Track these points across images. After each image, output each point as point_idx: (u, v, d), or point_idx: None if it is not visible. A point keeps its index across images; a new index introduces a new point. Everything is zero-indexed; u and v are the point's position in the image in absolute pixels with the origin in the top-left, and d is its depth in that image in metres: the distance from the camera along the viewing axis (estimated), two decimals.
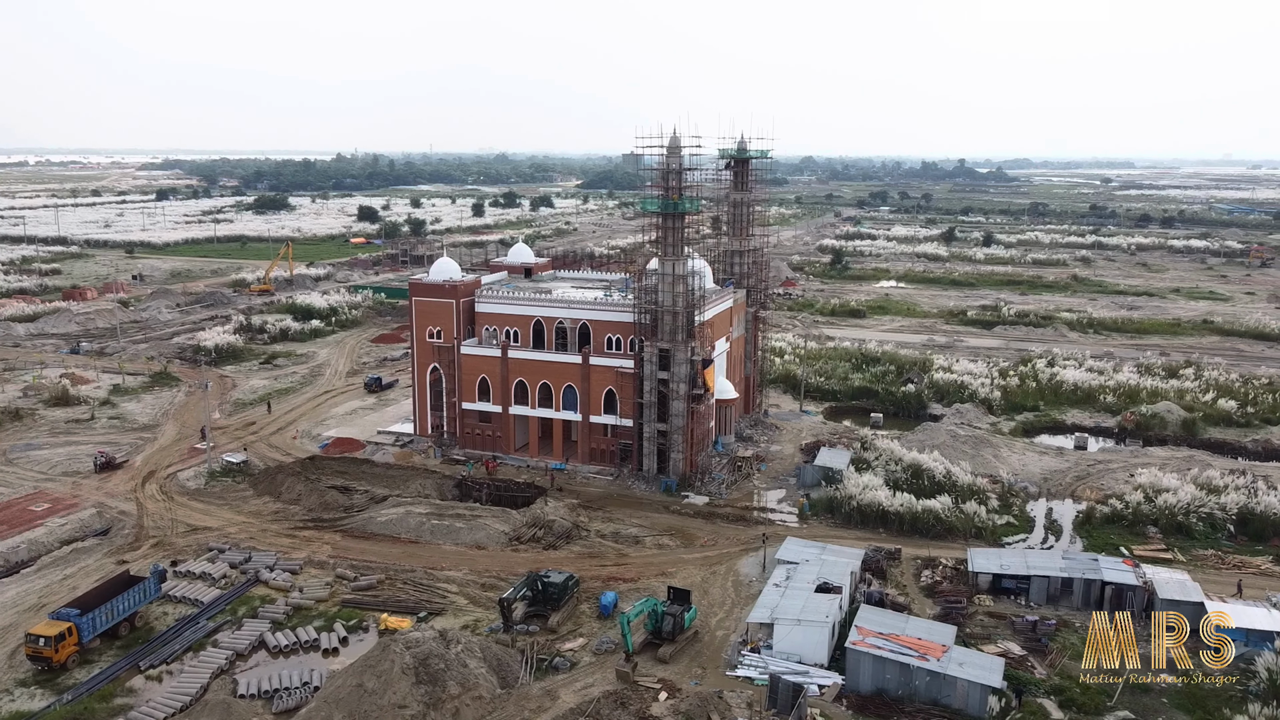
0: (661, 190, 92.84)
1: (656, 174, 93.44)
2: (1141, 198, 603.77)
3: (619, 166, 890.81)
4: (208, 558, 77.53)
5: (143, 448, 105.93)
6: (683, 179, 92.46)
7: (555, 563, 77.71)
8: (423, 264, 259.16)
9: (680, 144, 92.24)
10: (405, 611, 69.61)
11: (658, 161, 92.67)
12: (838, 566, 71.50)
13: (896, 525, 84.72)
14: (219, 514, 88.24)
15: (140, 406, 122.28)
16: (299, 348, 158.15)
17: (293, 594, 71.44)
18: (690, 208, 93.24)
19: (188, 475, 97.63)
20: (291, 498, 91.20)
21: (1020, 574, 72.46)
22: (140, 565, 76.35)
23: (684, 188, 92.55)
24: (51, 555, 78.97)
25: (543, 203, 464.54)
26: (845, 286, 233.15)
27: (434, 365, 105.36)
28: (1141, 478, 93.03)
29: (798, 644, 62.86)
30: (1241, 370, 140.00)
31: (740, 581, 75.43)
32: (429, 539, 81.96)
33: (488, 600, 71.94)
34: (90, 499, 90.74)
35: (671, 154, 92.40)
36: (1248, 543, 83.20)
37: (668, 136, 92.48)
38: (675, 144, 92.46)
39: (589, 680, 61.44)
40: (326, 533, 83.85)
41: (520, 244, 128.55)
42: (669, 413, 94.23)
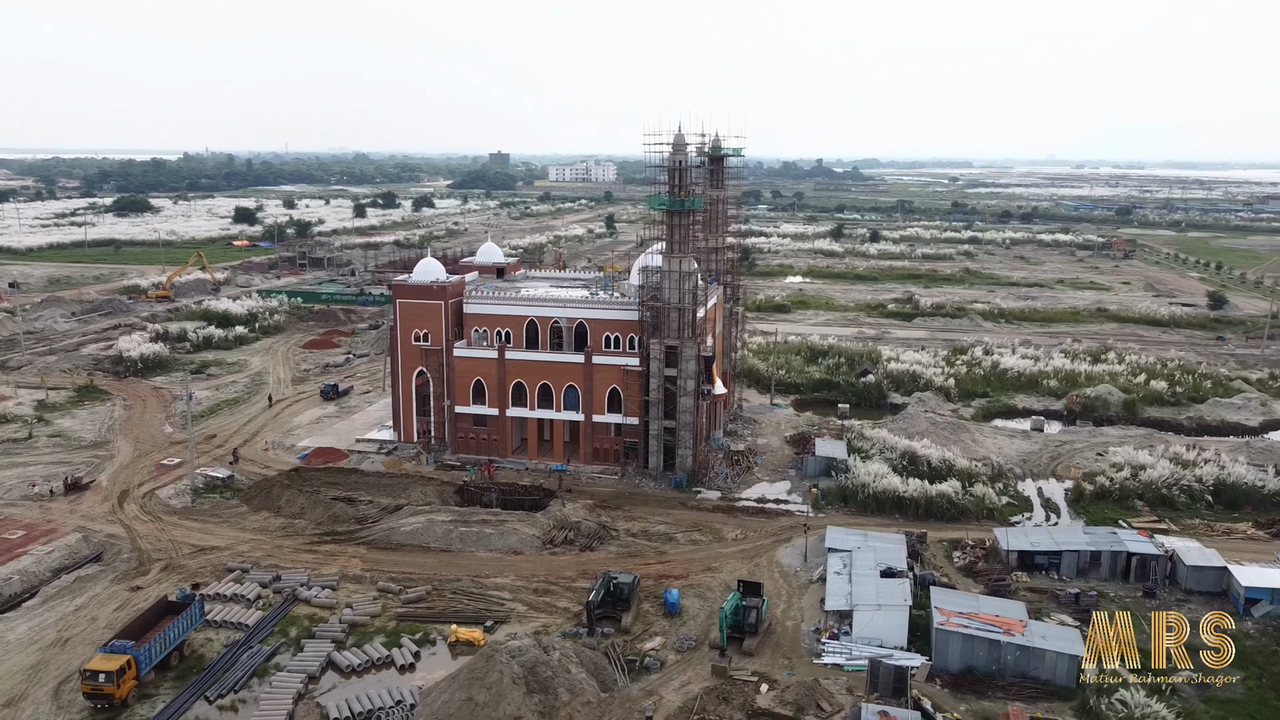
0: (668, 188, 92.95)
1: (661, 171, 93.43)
2: (991, 195, 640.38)
3: (487, 166, 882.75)
4: (233, 579, 73.13)
5: (102, 466, 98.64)
6: (689, 176, 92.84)
7: (596, 564, 77.09)
8: (322, 267, 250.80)
9: (685, 142, 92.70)
10: (466, 621, 67.53)
11: (665, 160, 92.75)
12: (890, 552, 73.63)
13: (911, 510, 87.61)
14: (221, 532, 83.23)
15: (78, 423, 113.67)
16: (227, 356, 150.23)
17: (343, 611, 68.20)
18: (697, 205, 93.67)
19: (168, 493, 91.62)
20: (294, 511, 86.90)
21: (1051, 550, 76.25)
22: (154, 591, 71.60)
23: (689, 185, 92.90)
24: (54, 585, 72.76)
25: (424, 203, 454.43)
26: (757, 283, 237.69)
27: (420, 369, 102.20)
28: (1117, 455, 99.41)
29: (877, 628, 64.46)
30: (1153, 354, 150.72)
31: (786, 572, 76.62)
32: (459, 547, 79.66)
33: (546, 605, 70.72)
34: (68, 523, 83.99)
35: (677, 151, 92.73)
36: (1224, 511, 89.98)
37: (672, 134, 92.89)
38: (680, 142, 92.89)
39: (683, 678, 61.37)
40: (348, 546, 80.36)
41: (489, 243, 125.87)
42: (676, 409, 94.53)
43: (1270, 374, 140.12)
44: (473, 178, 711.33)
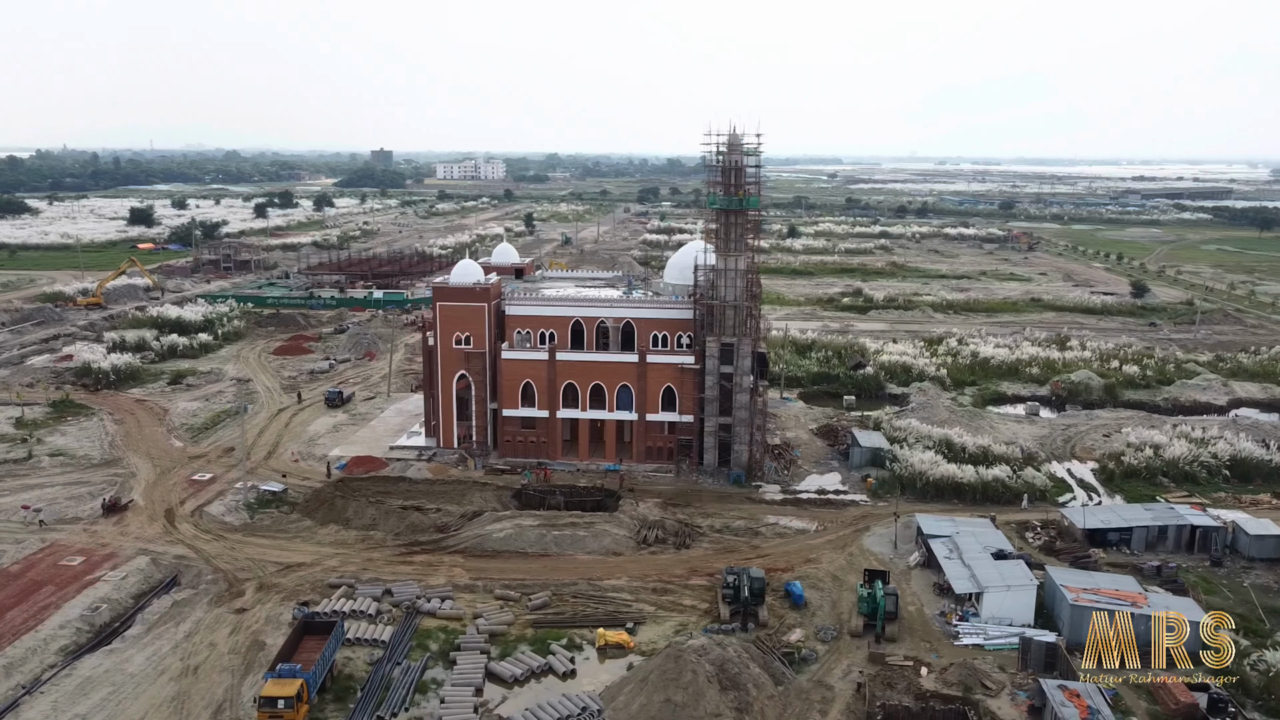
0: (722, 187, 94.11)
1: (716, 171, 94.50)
2: (874, 191, 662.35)
3: (370, 164, 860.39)
4: (342, 594, 70.61)
5: (128, 485, 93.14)
6: (744, 176, 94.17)
7: (699, 562, 78.05)
8: (249, 270, 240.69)
9: (740, 141, 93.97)
10: (598, 624, 67.26)
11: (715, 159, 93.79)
12: (985, 536, 77.01)
13: (969, 495, 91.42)
14: (297, 548, 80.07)
15: (72, 440, 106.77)
16: (198, 364, 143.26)
17: (479, 621, 66.91)
18: (753, 205, 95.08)
19: (219, 509, 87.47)
20: (365, 523, 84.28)
21: (1121, 527, 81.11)
22: (261, 612, 68.79)
23: (748, 184, 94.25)
24: (151, 612, 68.70)
25: (325, 202, 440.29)
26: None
27: (462, 373, 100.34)
28: (1131, 436, 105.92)
29: (1006, 608, 67.51)
30: (1110, 341, 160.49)
31: (881, 559, 78.99)
32: (556, 550, 79.00)
33: (671, 604, 71.11)
34: (125, 546, 79.28)
35: (732, 150, 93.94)
36: (1239, 484, 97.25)
37: (727, 134, 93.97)
38: (735, 141, 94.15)
39: (841, 666, 62.94)
40: (441, 555, 78.63)
41: (504, 244, 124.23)
42: (732, 406, 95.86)
43: (1216, 356, 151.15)
44: (360, 176, 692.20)
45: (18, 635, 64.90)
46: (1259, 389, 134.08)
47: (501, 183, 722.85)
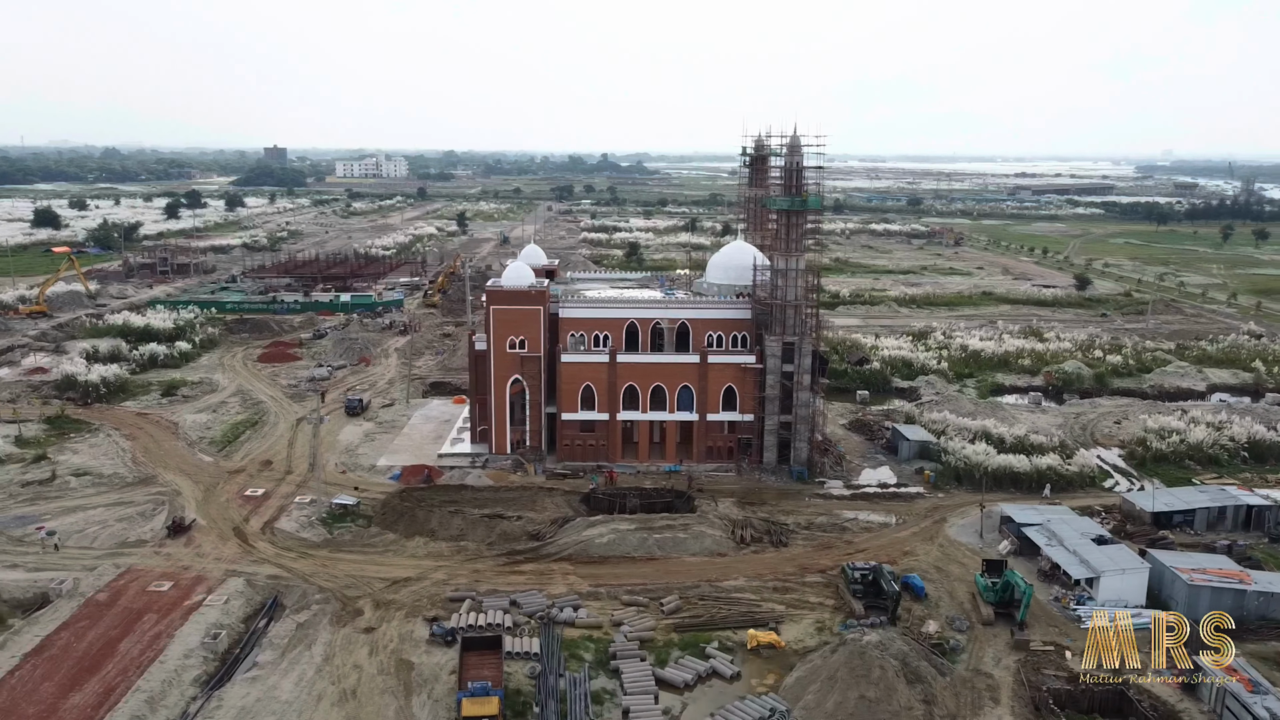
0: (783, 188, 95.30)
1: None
2: None
3: (263, 161, 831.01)
4: (468, 608, 69.01)
5: (175, 504, 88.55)
6: (803, 176, 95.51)
7: (800, 558, 79.35)
8: (189, 274, 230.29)
9: (800, 143, 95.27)
10: (738, 625, 67.64)
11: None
12: (1080, 522, 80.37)
13: (1026, 484, 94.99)
14: (392, 561, 77.77)
15: (88, 459, 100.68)
16: (186, 375, 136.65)
17: (623, 629, 66.41)
18: (814, 205, 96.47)
19: (292, 525, 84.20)
20: (452, 534, 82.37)
21: (1184, 509, 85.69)
22: (390, 630, 66.75)
23: (806, 185, 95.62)
24: (278, 636, 65.70)
25: (236, 202, 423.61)
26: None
27: (516, 377, 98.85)
28: (1149, 422, 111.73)
29: (1120, 590, 70.72)
30: (1083, 332, 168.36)
31: (973, 549, 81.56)
32: (661, 553, 78.88)
33: (798, 602, 71.92)
34: (210, 568, 75.62)
35: (793, 152, 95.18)
36: (1256, 465, 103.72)
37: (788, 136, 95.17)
38: (796, 143, 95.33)
39: (990, 654, 64.89)
40: (545, 563, 77.58)
41: (531, 246, 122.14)
42: (793, 404, 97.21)
43: (1179, 345, 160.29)
44: (257, 174, 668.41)
45: (141, 666, 61.40)
46: (1230, 375, 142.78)
47: (406, 181, 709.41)
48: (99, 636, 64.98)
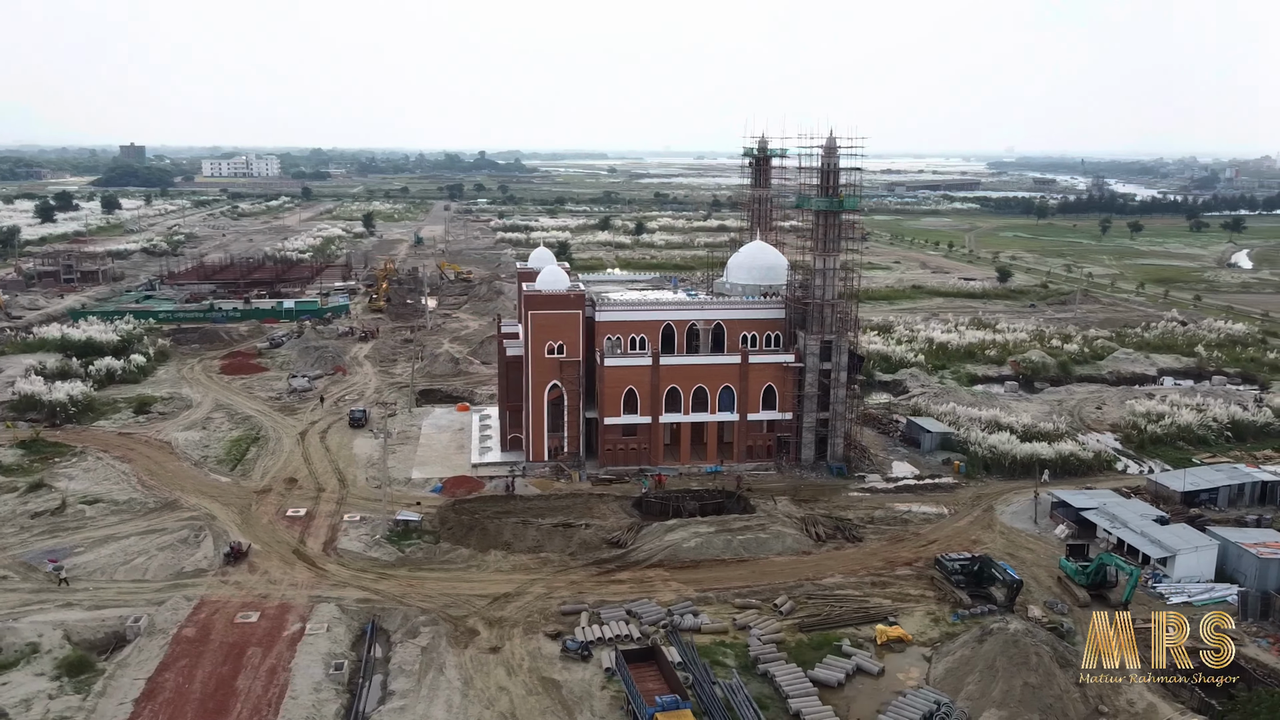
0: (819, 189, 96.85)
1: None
2: (664, 185, 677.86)
3: (120, 160, 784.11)
4: (588, 621, 67.77)
5: (214, 529, 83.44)
6: (839, 178, 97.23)
7: (883, 552, 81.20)
8: (97, 280, 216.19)
9: (837, 144, 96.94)
10: (856, 622, 68.80)
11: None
12: (1134, 504, 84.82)
13: (1052, 470, 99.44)
14: (479, 577, 75.53)
15: (89, 484, 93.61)
16: (151, 390, 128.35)
17: (755, 632, 66.45)
18: (851, 205, 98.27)
19: (355, 544, 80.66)
20: (529, 545, 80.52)
21: (1210, 487, 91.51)
22: (515, 649, 64.90)
23: (843, 186, 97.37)
24: (406, 663, 62.82)
25: (112, 205, 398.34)
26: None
27: (554, 382, 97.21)
28: (1136, 406, 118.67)
29: (1192, 567, 75.17)
30: (1021, 322, 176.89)
31: (1031, 534, 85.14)
32: (747, 554, 79.16)
33: (899, 595, 73.50)
34: (291, 595, 71.76)
35: (829, 154, 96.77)
36: (1238, 443, 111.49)
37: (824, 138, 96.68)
38: (832, 144, 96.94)
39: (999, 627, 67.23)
40: (637, 570, 76.81)
41: (541, 249, 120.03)
42: (830, 401, 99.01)
43: (1114, 332, 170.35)
44: (119, 174, 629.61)
45: (273, 703, 58.02)
46: (1173, 359, 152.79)
47: (281, 180, 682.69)
48: (209, 675, 60.89)
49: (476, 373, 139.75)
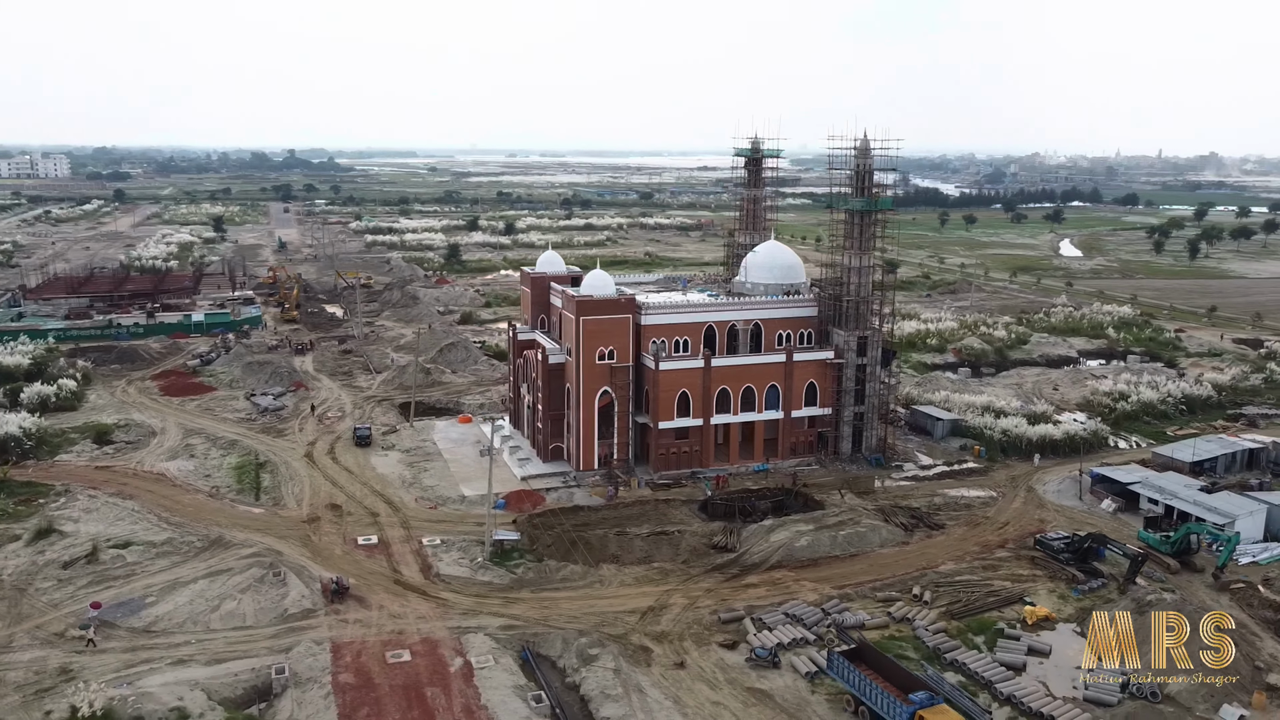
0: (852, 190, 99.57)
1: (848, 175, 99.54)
2: (511, 185, 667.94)
3: None
4: (758, 627, 67.42)
5: (288, 565, 77.00)
6: (872, 179, 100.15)
7: (973, 537, 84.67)
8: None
9: (870, 146, 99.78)
10: (996, 605, 71.75)
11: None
12: (1170, 477, 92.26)
13: (1062, 450, 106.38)
14: (607, 593, 73.44)
15: (101, 526, 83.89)
16: (92, 419, 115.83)
17: (919, 625, 68.02)
18: (886, 205, 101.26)
19: (456, 569, 76.70)
20: (639, 557, 79.04)
21: (1211, 457, 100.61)
22: (700, 661, 63.83)
23: (875, 186, 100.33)
24: (604, 688, 60.24)
25: None
26: (479, 279, 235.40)
27: (605, 389, 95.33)
28: (1100, 385, 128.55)
29: (1247, 530, 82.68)
30: (942, 311, 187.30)
31: (1081, 510, 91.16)
32: (854, 550, 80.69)
33: (1009, 576, 77.09)
34: (428, 628, 67.41)
35: (861, 156, 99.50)
36: (1192, 416, 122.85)
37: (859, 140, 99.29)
38: (866, 146, 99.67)
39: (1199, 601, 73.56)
40: (763, 573, 77.00)
41: (550, 252, 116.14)
42: (865, 395, 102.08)
43: (1016, 318, 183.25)
44: None
45: None
46: (1085, 342, 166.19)
47: (76, 182, 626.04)
48: None
49: (450, 382, 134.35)
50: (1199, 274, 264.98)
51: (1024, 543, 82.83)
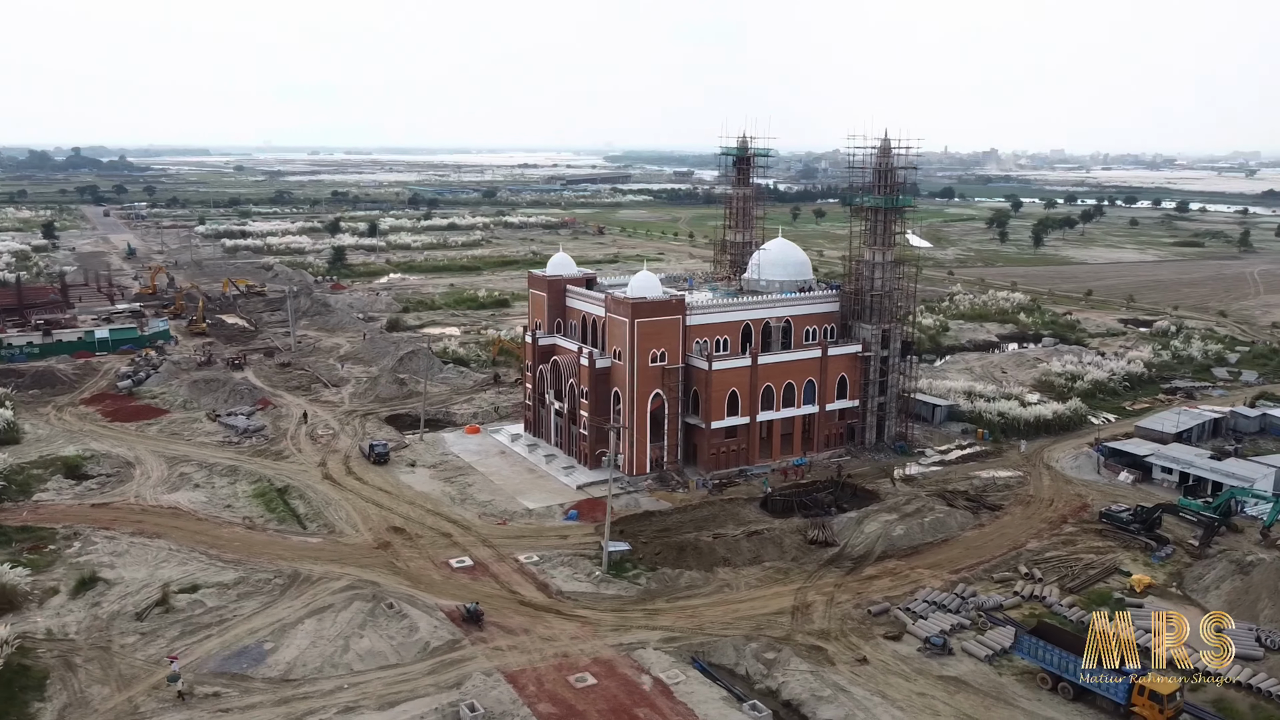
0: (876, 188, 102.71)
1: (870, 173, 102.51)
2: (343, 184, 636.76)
3: None
4: (910, 618, 68.89)
5: (391, 594, 72.11)
6: (895, 177, 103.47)
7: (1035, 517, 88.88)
8: None
9: (892, 146, 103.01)
10: (1097, 578, 76.32)
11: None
12: (1178, 448, 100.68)
13: (1053, 428, 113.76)
14: (738, 596, 73.10)
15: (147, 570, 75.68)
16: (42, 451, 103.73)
17: (1049, 602, 71.43)
18: (908, 203, 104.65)
19: (579, 585, 73.91)
20: (749, 558, 78.77)
21: (1189, 426, 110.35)
22: (876, 656, 64.74)
23: (897, 185, 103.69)
24: (814, 691, 59.96)
25: None
26: (372, 283, 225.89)
27: (656, 391, 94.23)
28: (1049, 366, 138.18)
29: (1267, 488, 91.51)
30: None
31: (1103, 484, 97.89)
32: (941, 535, 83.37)
33: (1087, 549, 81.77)
34: (591, 648, 64.91)
35: (884, 155, 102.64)
36: (1136, 391, 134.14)
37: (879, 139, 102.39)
38: (887, 145, 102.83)
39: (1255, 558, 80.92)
40: (876, 564, 78.51)
41: (561, 254, 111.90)
42: (887, 386, 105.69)
43: (925, 306, 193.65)
44: None
45: None
46: (998, 327, 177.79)
47: None
48: None
49: (427, 392, 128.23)
50: (1045, 261, 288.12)
51: (1080, 517, 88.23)
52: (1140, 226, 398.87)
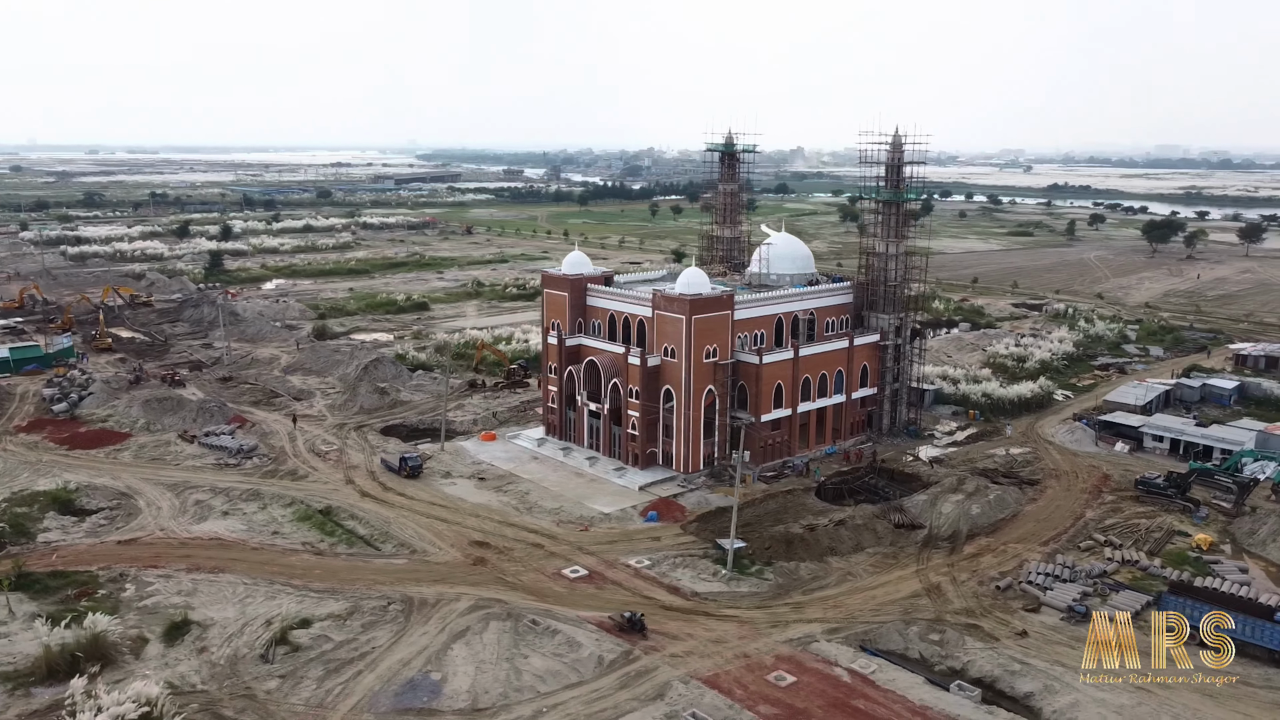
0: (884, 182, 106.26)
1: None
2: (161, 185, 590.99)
3: None
4: (1041, 592, 72.16)
5: (527, 610, 69.03)
6: (903, 171, 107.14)
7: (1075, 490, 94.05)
8: None
9: (902, 141, 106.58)
10: (1169, 536, 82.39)
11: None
12: (1164, 417, 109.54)
13: (1034, 406, 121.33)
14: (869, 584, 74.20)
15: (231, 609, 69.19)
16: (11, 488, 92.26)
17: (1144, 563, 76.53)
18: (916, 196, 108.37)
19: (711, 586, 72.93)
20: (850, 547, 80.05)
21: (1150, 399, 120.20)
22: (1034, 630, 67.68)
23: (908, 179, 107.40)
24: (1018, 673, 61.82)
25: None
26: (258, 289, 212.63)
27: (709, 388, 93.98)
28: (994, 347, 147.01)
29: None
30: None
31: (1106, 455, 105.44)
32: (1008, 513, 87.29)
33: (1133, 516, 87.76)
34: (765, 647, 64.45)
35: (895, 150, 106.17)
36: (1074, 369, 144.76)
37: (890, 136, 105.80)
38: (898, 141, 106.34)
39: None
40: (970, 543, 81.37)
41: (576, 253, 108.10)
42: (900, 373, 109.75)
43: None
44: None
45: None
46: None
47: None
48: None
49: (410, 400, 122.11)
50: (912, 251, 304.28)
51: (1109, 486, 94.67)
52: (968, 218, 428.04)
